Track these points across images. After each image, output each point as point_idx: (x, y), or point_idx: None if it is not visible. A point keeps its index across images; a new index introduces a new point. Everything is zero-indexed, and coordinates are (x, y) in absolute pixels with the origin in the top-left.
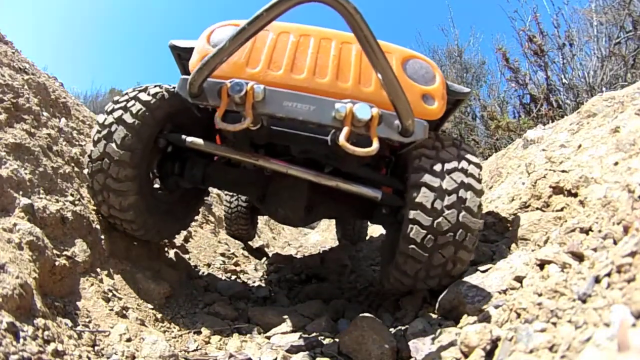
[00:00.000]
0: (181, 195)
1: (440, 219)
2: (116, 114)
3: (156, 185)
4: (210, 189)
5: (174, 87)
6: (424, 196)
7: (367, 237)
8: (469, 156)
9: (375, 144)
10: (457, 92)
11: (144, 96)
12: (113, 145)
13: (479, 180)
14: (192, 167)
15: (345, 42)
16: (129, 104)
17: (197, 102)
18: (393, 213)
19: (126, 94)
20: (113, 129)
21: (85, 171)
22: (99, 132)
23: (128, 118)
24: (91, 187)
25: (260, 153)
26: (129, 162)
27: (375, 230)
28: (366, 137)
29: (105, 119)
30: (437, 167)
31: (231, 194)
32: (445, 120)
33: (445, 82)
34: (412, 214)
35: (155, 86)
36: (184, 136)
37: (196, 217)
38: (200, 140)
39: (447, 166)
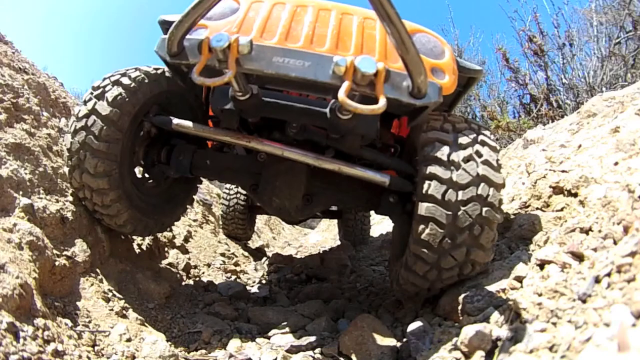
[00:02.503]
0: (170, 186)
1: (457, 215)
2: (114, 78)
3: (145, 177)
4: (210, 190)
5: (156, 69)
6: (436, 189)
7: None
8: (486, 139)
9: (383, 101)
10: (469, 69)
11: (145, 67)
12: (103, 102)
13: (498, 169)
14: (179, 154)
15: (345, 13)
16: (128, 71)
17: (176, 61)
18: (401, 202)
19: (105, 78)
20: (107, 89)
21: (66, 167)
22: (90, 93)
23: (125, 80)
24: (69, 149)
25: (254, 136)
26: (116, 120)
27: (374, 230)
28: (371, 97)
29: (80, 109)
30: (452, 155)
31: (228, 193)
32: (458, 101)
33: (456, 58)
34: (425, 208)
35: (135, 69)
36: (170, 118)
37: (196, 217)
38: (188, 122)
39: (463, 153)
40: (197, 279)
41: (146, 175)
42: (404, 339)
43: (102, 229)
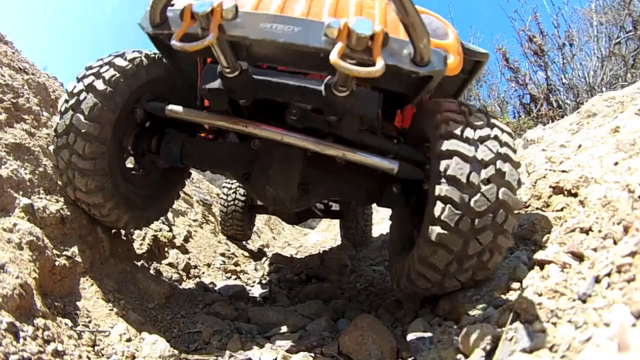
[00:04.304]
0: (159, 177)
1: (477, 196)
2: (87, 81)
3: (130, 166)
4: (210, 190)
5: (155, 53)
6: (457, 167)
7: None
8: (499, 123)
9: (380, 63)
10: (475, 51)
11: (119, 61)
12: (80, 116)
13: (515, 151)
14: (169, 143)
15: None
16: (102, 70)
17: (158, 31)
18: (406, 193)
19: (101, 59)
20: (82, 97)
21: (51, 148)
22: (66, 101)
23: (99, 85)
24: (56, 165)
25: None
26: (97, 135)
27: (374, 230)
28: (368, 62)
29: (75, 86)
30: (469, 133)
31: (227, 192)
32: (464, 88)
33: (461, 41)
34: (444, 190)
35: (133, 51)
36: (163, 104)
37: (196, 217)
38: (180, 108)
39: (480, 133)
40: (197, 279)
41: (136, 166)
42: (404, 339)
43: (102, 229)
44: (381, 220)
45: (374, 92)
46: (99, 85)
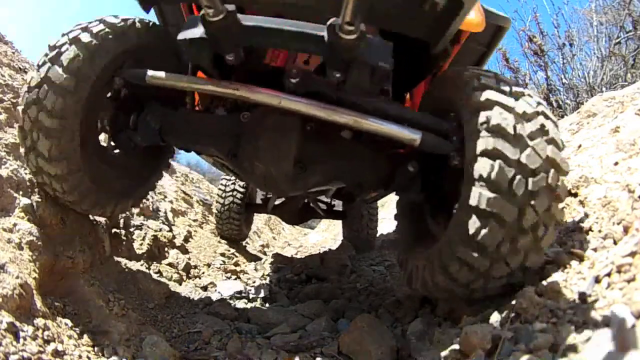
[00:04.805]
0: (137, 159)
1: (529, 151)
2: (72, 34)
3: (112, 147)
4: (210, 190)
5: (149, 20)
6: (501, 117)
7: None
8: (527, 90)
9: None
10: (497, 15)
11: (110, 19)
12: (58, 68)
13: (550, 111)
14: (147, 117)
15: None
16: (90, 25)
17: None
18: (423, 171)
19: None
20: (64, 49)
21: (20, 108)
22: (46, 55)
23: (85, 37)
24: (21, 126)
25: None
26: (72, 91)
27: None
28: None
29: (58, 40)
30: (505, 87)
31: (224, 187)
32: (487, 57)
33: (481, 4)
34: (490, 143)
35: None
36: (144, 70)
37: (196, 217)
38: (162, 73)
39: (515, 89)
40: (197, 279)
41: (111, 145)
42: (404, 339)
43: (102, 229)
44: (381, 220)
45: (386, 41)
46: (85, 37)
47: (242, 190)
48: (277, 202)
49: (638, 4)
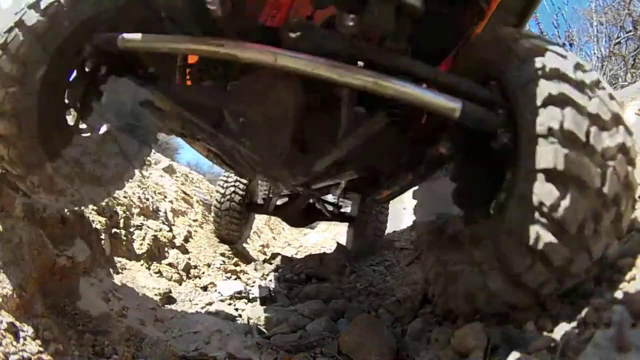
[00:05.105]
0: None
1: (597, 99)
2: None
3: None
4: (210, 190)
5: None
6: (562, 62)
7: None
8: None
9: None
10: None
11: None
12: (32, 11)
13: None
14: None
15: None
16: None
17: None
18: (460, 150)
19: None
20: (12, 35)
21: None
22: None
23: (45, 2)
24: None
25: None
26: (45, 39)
27: None
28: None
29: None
30: (560, 50)
31: (224, 185)
32: (529, 14)
33: None
34: (554, 88)
35: None
36: (117, 34)
37: (196, 217)
38: (137, 35)
39: (570, 57)
40: (197, 279)
41: (79, 124)
42: (404, 339)
43: (102, 229)
44: None
45: None
46: (44, 2)
47: (242, 187)
48: (279, 202)
49: (638, 4)
